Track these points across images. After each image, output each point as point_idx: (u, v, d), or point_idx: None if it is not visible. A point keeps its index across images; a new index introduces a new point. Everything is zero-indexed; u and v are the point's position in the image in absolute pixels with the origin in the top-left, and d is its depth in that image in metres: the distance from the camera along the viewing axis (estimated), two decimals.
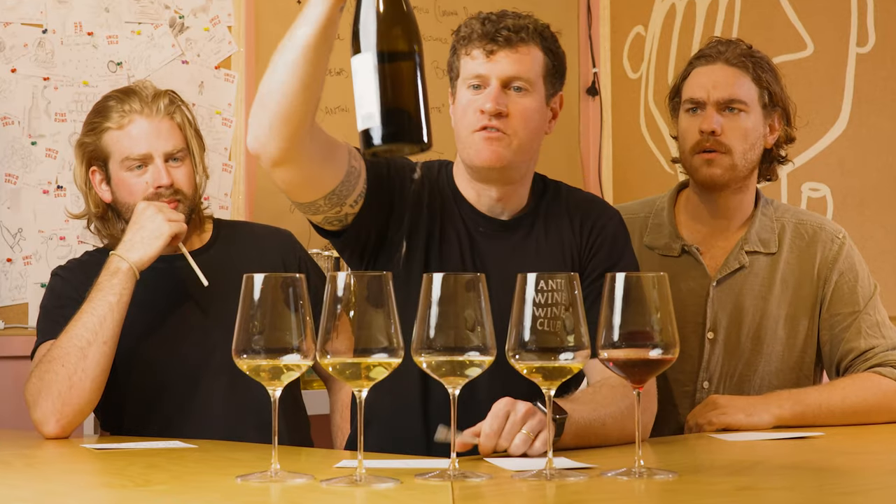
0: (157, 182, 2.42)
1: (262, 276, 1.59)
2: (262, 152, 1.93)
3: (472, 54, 2.12)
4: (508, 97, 2.11)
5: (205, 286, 2.39)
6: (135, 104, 2.44)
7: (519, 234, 2.22)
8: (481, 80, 2.12)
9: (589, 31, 3.95)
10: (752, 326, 2.46)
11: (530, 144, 2.15)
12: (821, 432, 2.16)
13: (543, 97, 2.16)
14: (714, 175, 2.44)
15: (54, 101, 3.01)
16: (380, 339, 1.54)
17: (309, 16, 1.82)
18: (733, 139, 2.44)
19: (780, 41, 3.55)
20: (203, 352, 2.42)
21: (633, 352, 1.59)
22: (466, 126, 2.13)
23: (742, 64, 2.46)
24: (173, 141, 2.45)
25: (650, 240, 2.53)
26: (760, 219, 2.52)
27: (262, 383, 1.60)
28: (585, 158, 3.92)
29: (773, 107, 2.49)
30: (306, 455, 2.06)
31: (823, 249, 2.49)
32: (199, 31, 3.19)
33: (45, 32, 3.01)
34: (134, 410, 2.42)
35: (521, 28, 2.12)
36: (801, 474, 1.68)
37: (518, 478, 1.58)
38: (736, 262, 2.49)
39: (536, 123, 2.15)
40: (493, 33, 2.11)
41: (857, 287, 2.46)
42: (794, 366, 2.47)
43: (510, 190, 2.19)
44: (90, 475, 1.83)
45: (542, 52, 2.15)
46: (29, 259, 2.97)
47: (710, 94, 2.45)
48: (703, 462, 1.90)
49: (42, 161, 3.00)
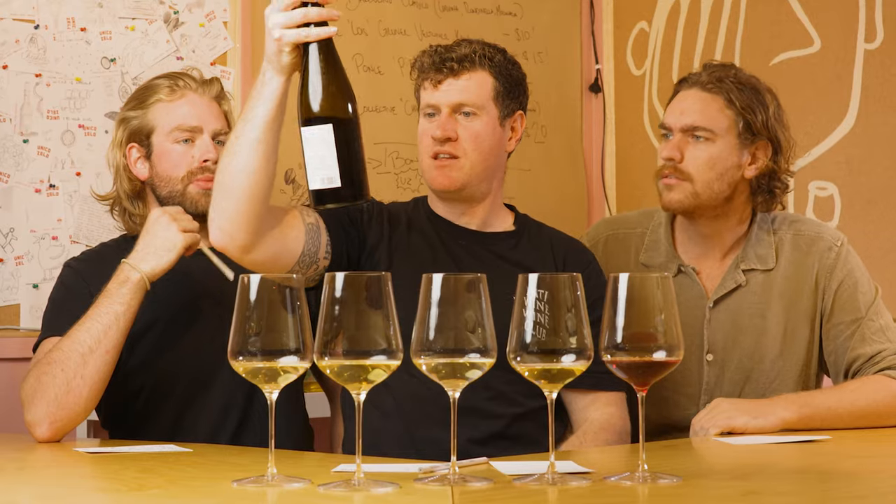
0: (205, 155, 2.44)
1: (259, 276, 1.59)
2: (231, 243, 2.08)
3: (425, 85, 2.33)
4: (457, 122, 2.30)
5: (229, 280, 2.37)
6: (189, 82, 2.50)
7: (500, 246, 2.37)
8: (433, 108, 2.32)
9: (592, 26, 3.95)
10: (751, 345, 2.46)
11: (484, 164, 2.32)
12: (828, 436, 2.16)
13: (496, 118, 2.33)
14: (672, 201, 2.44)
15: (46, 98, 3.01)
16: (378, 341, 1.54)
17: (264, 94, 2.02)
18: (694, 168, 2.42)
19: (786, 37, 3.55)
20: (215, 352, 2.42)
21: (636, 354, 1.59)
22: (423, 152, 2.33)
23: (717, 89, 2.43)
24: (222, 122, 2.49)
25: (647, 258, 2.53)
26: (757, 234, 2.50)
27: (259, 386, 1.60)
28: (588, 156, 3.92)
29: (752, 135, 2.44)
30: (304, 459, 2.06)
31: (821, 259, 2.47)
32: (194, 27, 3.19)
33: (38, 28, 3.01)
34: (141, 410, 2.42)
35: (465, 57, 2.31)
36: (807, 479, 1.68)
37: (519, 483, 1.58)
38: (732, 282, 2.48)
39: (489, 144, 2.32)
40: (439, 64, 2.30)
41: (857, 293, 2.45)
42: (797, 379, 2.46)
43: (475, 206, 2.37)
44: (83, 479, 1.83)
45: (491, 75, 2.32)
46: (21, 259, 2.97)
47: (678, 120, 2.45)
48: (707, 466, 1.90)
49: (34, 159, 3.00)
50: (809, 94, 3.50)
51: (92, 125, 3.03)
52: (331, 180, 1.82)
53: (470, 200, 2.35)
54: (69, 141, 3.03)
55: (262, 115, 2.03)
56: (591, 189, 3.94)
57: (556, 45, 3.88)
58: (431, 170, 2.31)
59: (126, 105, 2.53)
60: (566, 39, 3.91)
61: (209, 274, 2.42)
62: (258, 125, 2.03)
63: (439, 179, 2.30)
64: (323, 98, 1.87)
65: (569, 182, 3.87)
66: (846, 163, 3.44)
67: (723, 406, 2.25)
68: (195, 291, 2.45)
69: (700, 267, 2.51)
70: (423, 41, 3.48)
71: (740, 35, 3.65)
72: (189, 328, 2.43)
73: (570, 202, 3.86)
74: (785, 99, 3.60)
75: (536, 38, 3.82)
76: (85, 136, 3.04)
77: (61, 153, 3.01)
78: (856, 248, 3.23)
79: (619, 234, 2.62)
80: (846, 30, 3.45)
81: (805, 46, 3.53)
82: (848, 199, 3.44)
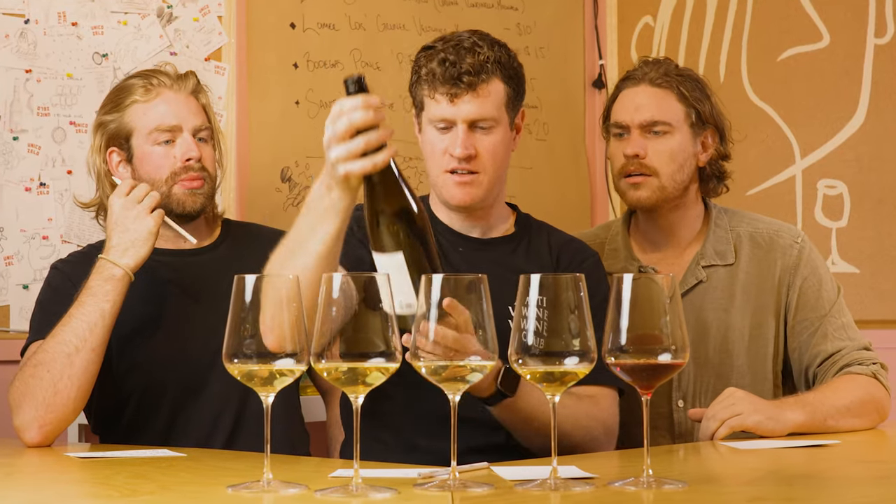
0: (186, 154, 2.43)
1: (254, 276, 1.59)
2: None
3: (436, 98, 2.27)
4: (475, 137, 2.27)
5: (193, 243, 2.42)
6: (163, 79, 2.48)
7: (498, 251, 2.37)
8: (447, 122, 2.27)
9: (595, 21, 3.94)
10: (718, 339, 2.53)
11: (500, 175, 2.33)
12: (836, 440, 2.16)
13: (508, 125, 2.32)
14: (641, 198, 2.54)
15: (37, 94, 3.01)
16: (377, 343, 1.54)
17: (334, 210, 1.93)
18: (658, 162, 2.52)
19: (794, 32, 3.55)
20: (208, 354, 2.42)
21: (641, 356, 1.59)
22: (437, 165, 2.29)
23: (666, 84, 2.54)
24: (201, 117, 2.48)
25: (607, 265, 2.60)
26: (714, 230, 2.59)
27: (254, 389, 1.60)
28: (591, 154, 3.92)
29: (702, 125, 2.56)
30: (300, 464, 2.06)
31: (784, 256, 2.55)
32: (189, 22, 3.19)
33: (28, 23, 3.01)
34: (132, 414, 2.42)
35: (481, 67, 2.25)
36: (816, 484, 1.68)
37: (520, 488, 1.58)
38: (693, 278, 2.56)
39: (504, 154, 2.32)
40: (454, 78, 2.24)
41: (821, 291, 2.53)
42: (767, 375, 2.52)
43: (482, 213, 2.37)
44: (74, 485, 1.83)
45: (503, 82, 2.29)
46: (10, 259, 2.97)
47: (634, 117, 2.54)
48: (714, 471, 1.90)
49: (24, 157, 2.99)
50: (818, 91, 3.50)
51: (83, 122, 3.03)
52: (410, 306, 1.82)
53: (481, 208, 2.36)
54: (60, 138, 3.03)
55: (332, 230, 1.94)
56: (595, 188, 3.94)
57: (558, 41, 3.88)
58: (450, 186, 2.29)
59: (102, 109, 2.52)
60: (569, 34, 3.91)
61: (202, 276, 2.43)
62: (325, 240, 1.95)
63: (459, 196, 2.29)
64: (390, 230, 1.87)
65: (571, 181, 3.87)
66: (856, 160, 3.44)
67: (737, 395, 2.27)
68: (188, 293, 2.45)
69: (660, 266, 2.59)
70: (423, 36, 3.47)
71: (747, 30, 3.65)
72: (180, 331, 2.43)
73: (572, 201, 3.86)
74: (793, 95, 3.61)
75: (538, 32, 3.82)
76: (76, 134, 3.03)
77: (52, 151, 3.01)
78: (865, 248, 3.23)
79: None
80: (856, 24, 3.45)
81: (814, 41, 3.53)
82: (857, 198, 3.44)
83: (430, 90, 2.27)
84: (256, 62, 3.25)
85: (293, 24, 3.31)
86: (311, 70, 3.33)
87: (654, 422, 2.51)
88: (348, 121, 1.85)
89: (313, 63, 3.34)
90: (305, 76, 3.28)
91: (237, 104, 3.21)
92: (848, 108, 3.46)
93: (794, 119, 3.53)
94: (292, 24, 3.31)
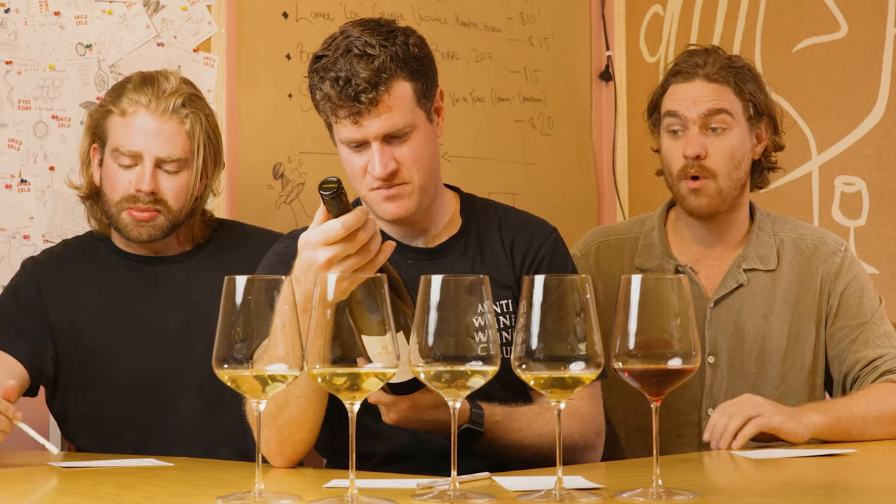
0: (137, 185, 2.44)
1: (245, 278, 1.59)
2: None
3: (340, 122, 2.17)
4: (392, 150, 2.19)
5: (54, 454, 2.14)
6: (144, 96, 2.46)
7: (450, 257, 2.31)
8: (358, 142, 2.18)
9: (602, 10, 3.95)
10: (755, 348, 2.52)
11: (430, 175, 2.24)
12: (853, 449, 2.17)
13: (424, 120, 2.22)
14: (701, 206, 2.53)
15: (18, 86, 3.01)
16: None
17: None
18: (717, 163, 2.51)
19: (810, 21, 3.55)
20: (181, 366, 2.42)
21: (650, 362, 1.59)
22: (361, 185, 2.23)
23: (723, 78, 2.51)
24: (172, 147, 2.46)
25: (641, 262, 2.59)
26: (758, 234, 2.59)
27: (245, 395, 1.60)
28: (598, 149, 3.92)
29: (758, 117, 2.55)
30: (293, 474, 2.07)
31: (825, 264, 2.56)
32: (176, 11, 3.19)
33: (8, 12, 3.01)
34: (101, 426, 2.42)
35: (378, 76, 2.13)
36: (832, 495, 1.68)
37: (524, 499, 1.58)
38: (734, 282, 2.55)
39: (429, 153, 2.23)
40: (352, 98, 2.13)
41: (863, 299, 2.53)
42: (803, 387, 2.51)
43: (421, 219, 2.29)
44: (56, 495, 1.84)
45: (408, 79, 2.18)
46: None
47: (693, 109, 2.51)
48: (725, 481, 1.90)
49: (4, 152, 3.00)
50: (835, 83, 3.50)
51: (66, 116, 3.03)
52: (410, 380, 1.94)
53: (417, 215, 2.27)
54: (42, 133, 3.03)
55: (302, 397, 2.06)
56: (602, 184, 3.94)
57: (563, 30, 3.88)
58: (380, 202, 2.21)
59: (105, 96, 2.57)
60: (575, 24, 3.91)
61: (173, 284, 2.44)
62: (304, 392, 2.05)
63: (392, 210, 2.22)
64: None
65: (577, 177, 3.87)
66: (875, 156, 3.44)
67: (756, 399, 2.27)
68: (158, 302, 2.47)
69: (698, 267, 2.58)
70: (422, 27, 3.48)
71: (761, 19, 3.65)
72: (149, 342, 2.44)
73: (578, 198, 3.86)
74: (809, 88, 3.61)
75: (543, 22, 3.82)
76: (59, 128, 3.03)
77: (33, 146, 3.01)
78: (885, 248, 3.24)
79: (612, 240, 2.70)
80: (875, 13, 3.45)
81: (831, 31, 3.53)
82: (876, 196, 3.44)
83: (331, 114, 2.18)
84: (247, 53, 3.24)
85: (286, 13, 3.31)
86: (305, 62, 3.32)
87: (681, 430, 2.49)
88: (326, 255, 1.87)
89: (307, 54, 3.33)
90: (299, 68, 3.28)
91: (227, 97, 3.21)
92: (867, 101, 3.46)
93: (811, 113, 3.54)
94: (285, 13, 3.31)
